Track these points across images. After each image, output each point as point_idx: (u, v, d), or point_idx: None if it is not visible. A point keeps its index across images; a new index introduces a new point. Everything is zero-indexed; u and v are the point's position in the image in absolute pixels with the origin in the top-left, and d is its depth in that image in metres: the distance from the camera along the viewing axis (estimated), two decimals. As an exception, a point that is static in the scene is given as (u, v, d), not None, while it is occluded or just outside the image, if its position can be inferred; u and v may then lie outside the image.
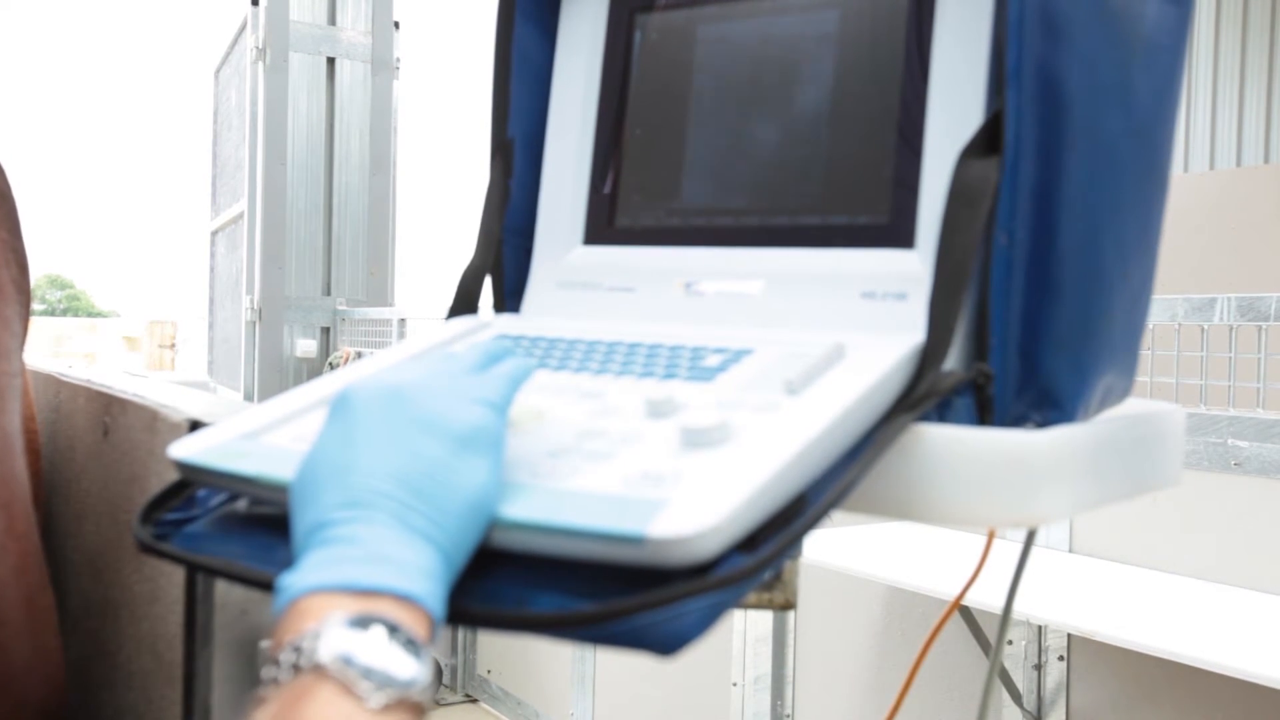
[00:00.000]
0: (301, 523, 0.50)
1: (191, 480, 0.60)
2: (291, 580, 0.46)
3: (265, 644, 0.69)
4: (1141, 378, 1.98)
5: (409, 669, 0.44)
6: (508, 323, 0.75)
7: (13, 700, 0.75)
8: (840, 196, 0.67)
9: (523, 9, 0.78)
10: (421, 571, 0.47)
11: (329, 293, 4.87)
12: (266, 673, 0.44)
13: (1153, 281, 0.68)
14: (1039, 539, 2.15)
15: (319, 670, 0.43)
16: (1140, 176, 0.64)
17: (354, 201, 4.89)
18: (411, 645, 0.44)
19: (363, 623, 0.44)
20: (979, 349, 0.60)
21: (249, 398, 4.73)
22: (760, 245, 0.69)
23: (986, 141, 0.59)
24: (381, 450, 0.50)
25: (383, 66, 4.91)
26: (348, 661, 0.43)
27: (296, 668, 0.43)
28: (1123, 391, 0.68)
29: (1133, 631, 1.74)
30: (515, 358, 0.59)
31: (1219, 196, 4.79)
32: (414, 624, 0.45)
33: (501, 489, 0.52)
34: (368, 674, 0.43)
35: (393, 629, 0.44)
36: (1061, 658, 2.26)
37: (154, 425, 0.79)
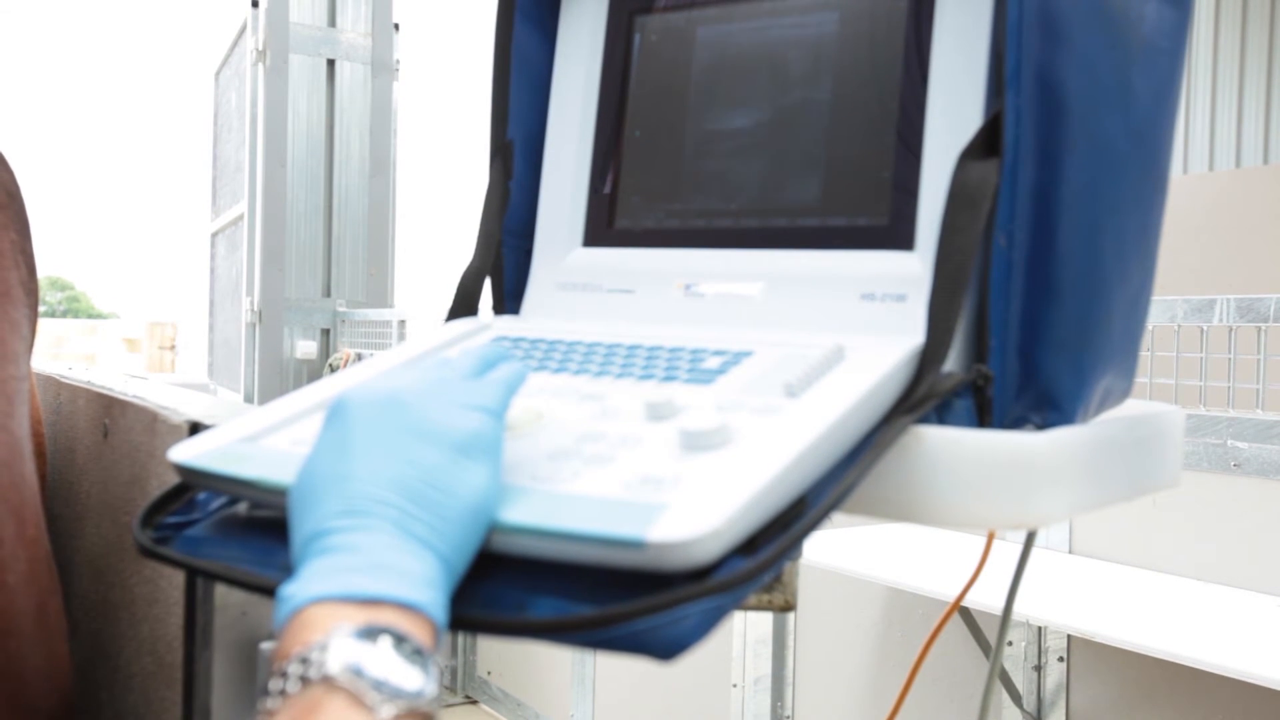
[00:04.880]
0: (300, 531, 0.50)
1: (191, 484, 0.60)
2: (294, 590, 0.46)
3: (265, 646, 0.69)
4: (1141, 379, 1.98)
5: (417, 679, 0.44)
6: (507, 324, 0.75)
7: (23, 708, 0.75)
8: (840, 198, 0.67)
9: (522, 11, 0.78)
10: (424, 580, 0.47)
11: (329, 294, 4.87)
12: (274, 684, 0.44)
13: (1152, 283, 0.68)
14: (1039, 540, 2.15)
15: (328, 682, 0.43)
16: (1139, 178, 0.64)
17: (354, 203, 4.89)
18: (418, 655, 0.44)
19: (370, 633, 0.44)
20: (978, 351, 0.60)
21: (249, 400, 4.73)
22: (760, 247, 0.69)
23: (986, 143, 0.59)
24: (379, 458, 0.50)
25: (383, 68, 4.91)
26: (357, 673, 0.43)
27: (304, 679, 0.43)
28: (1122, 393, 0.68)
29: (1132, 632, 1.74)
30: (510, 362, 0.59)
31: (1218, 198, 4.80)
32: (419, 633, 0.45)
33: (501, 493, 0.52)
34: (378, 685, 0.43)
35: (400, 639, 0.44)
36: (1061, 659, 2.26)
37: (154, 427, 0.79)
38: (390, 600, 0.45)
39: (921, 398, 0.57)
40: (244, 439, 0.61)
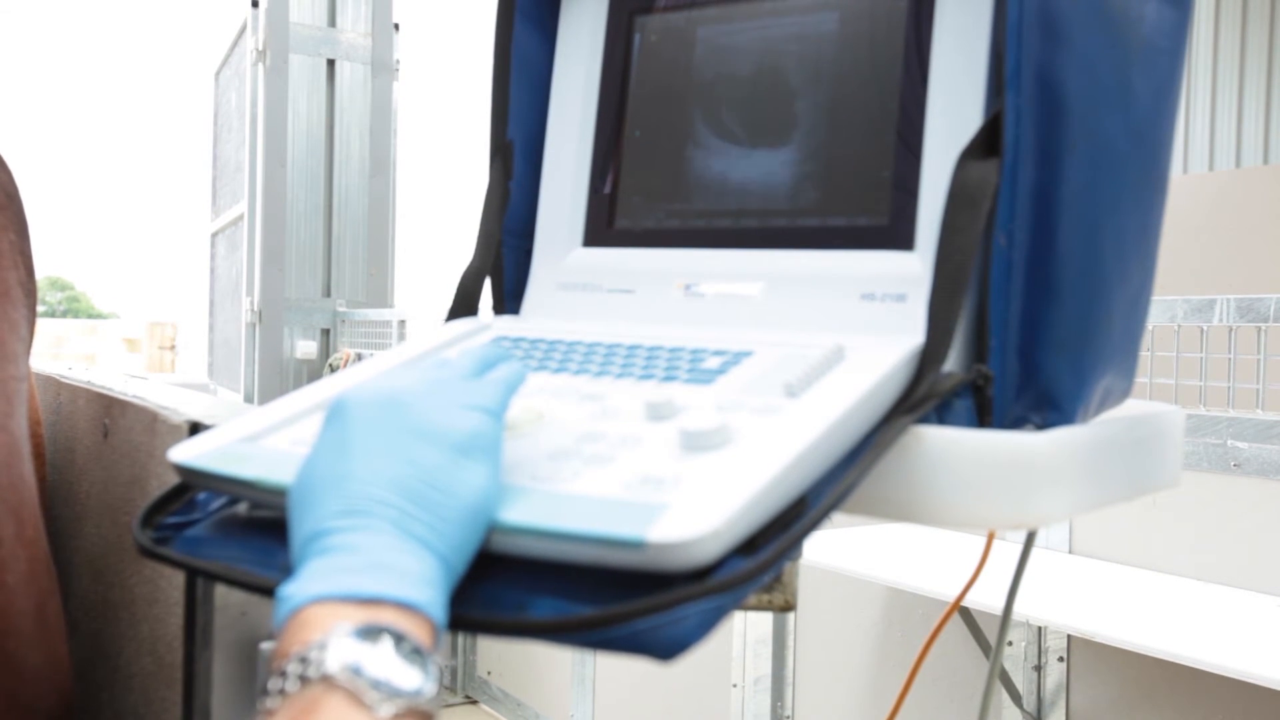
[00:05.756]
0: (299, 532, 0.50)
1: (191, 484, 0.60)
2: (293, 590, 0.46)
3: (265, 646, 0.69)
4: (1141, 379, 1.98)
5: (416, 678, 0.44)
6: (507, 324, 0.75)
7: (23, 708, 0.75)
8: (840, 198, 0.67)
9: (522, 11, 0.78)
10: (423, 579, 0.47)
11: (329, 294, 4.87)
12: (273, 684, 0.44)
13: (1152, 283, 0.68)
14: (1039, 540, 2.16)
15: (327, 681, 0.43)
16: (1139, 178, 0.64)
17: (354, 203, 4.89)
18: (417, 654, 0.44)
19: (369, 633, 0.44)
20: (978, 351, 0.60)
21: (249, 399, 4.73)
22: (760, 247, 0.69)
23: (986, 143, 0.59)
24: (379, 458, 0.50)
25: (383, 68, 4.91)
26: (356, 672, 0.43)
27: (304, 678, 0.43)
28: (1122, 393, 0.68)
29: (1132, 632, 1.74)
30: (509, 362, 0.59)
31: (1218, 197, 4.80)
32: (418, 632, 0.45)
33: (500, 493, 0.52)
34: (376, 685, 0.43)
35: (399, 638, 0.44)
36: (1061, 659, 2.26)
37: (154, 427, 0.79)
38: (389, 600, 0.45)
39: (921, 398, 0.57)
40: (244, 439, 0.61)
